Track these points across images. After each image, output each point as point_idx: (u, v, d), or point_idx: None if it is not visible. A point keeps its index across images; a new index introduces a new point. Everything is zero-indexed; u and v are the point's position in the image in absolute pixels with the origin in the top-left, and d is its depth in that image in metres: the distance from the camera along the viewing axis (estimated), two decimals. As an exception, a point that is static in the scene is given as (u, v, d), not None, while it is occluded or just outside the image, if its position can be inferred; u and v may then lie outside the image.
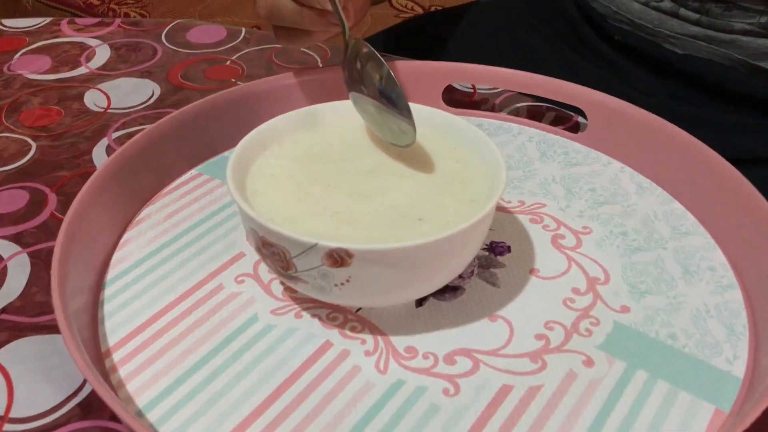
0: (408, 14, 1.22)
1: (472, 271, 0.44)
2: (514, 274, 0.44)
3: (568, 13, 0.78)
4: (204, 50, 0.71)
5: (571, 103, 0.56)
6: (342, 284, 0.37)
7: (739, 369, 0.38)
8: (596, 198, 0.50)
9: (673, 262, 0.45)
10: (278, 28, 0.52)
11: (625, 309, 0.42)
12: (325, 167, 0.42)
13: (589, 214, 0.49)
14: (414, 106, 0.46)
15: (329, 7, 0.47)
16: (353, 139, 0.44)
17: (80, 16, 1.39)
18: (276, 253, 0.37)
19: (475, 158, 0.43)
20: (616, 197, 0.50)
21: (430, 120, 0.45)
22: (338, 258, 0.35)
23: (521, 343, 0.40)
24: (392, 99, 0.43)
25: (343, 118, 0.46)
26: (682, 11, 0.69)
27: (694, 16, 0.69)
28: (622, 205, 0.50)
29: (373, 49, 0.45)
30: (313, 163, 0.42)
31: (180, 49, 0.71)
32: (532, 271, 0.44)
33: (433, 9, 1.22)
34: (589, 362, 0.39)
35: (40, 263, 0.46)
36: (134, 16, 1.30)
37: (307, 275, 0.37)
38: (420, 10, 1.23)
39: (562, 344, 0.40)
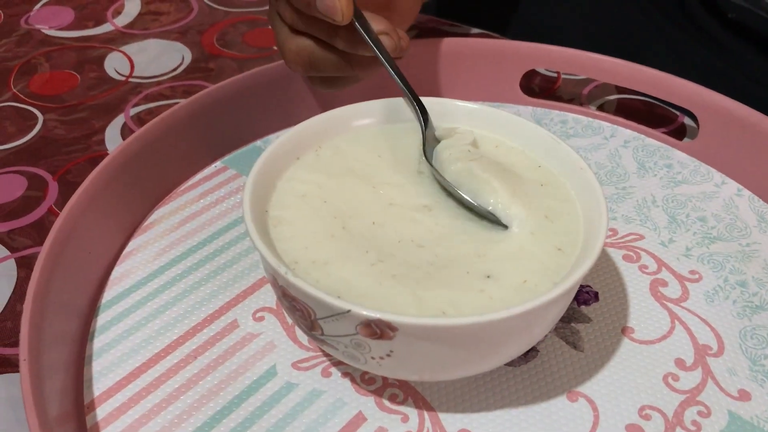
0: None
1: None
2: (602, 333, 0.35)
3: (673, -19, 0.67)
4: (246, 9, 0.61)
5: (681, 105, 0.45)
6: (381, 357, 0.28)
7: None
8: (707, 231, 0.40)
9: (808, 329, 0.35)
10: (315, 78, 0.41)
11: (744, 395, 0.32)
12: (368, 195, 0.33)
13: (698, 253, 0.39)
14: (484, 110, 0.36)
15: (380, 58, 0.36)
16: (408, 151, 0.35)
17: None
18: (299, 310, 0.29)
19: (564, 180, 0.34)
20: (732, 231, 0.40)
21: (506, 127, 0.36)
22: (378, 330, 0.26)
23: (608, 436, 0.31)
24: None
25: (397, 122, 0.37)
26: (817, -14, 0.57)
27: (832, -7, 0.57)
28: (740, 243, 0.40)
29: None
30: (354, 183, 0.33)
31: (219, 6, 0.62)
32: (624, 330, 0.35)
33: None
34: (697, 472, 0.30)
35: (29, 273, 0.39)
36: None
37: (337, 342, 0.28)
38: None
39: (661, 442, 0.31)
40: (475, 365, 0.29)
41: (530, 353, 0.34)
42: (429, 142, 0.35)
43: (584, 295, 0.37)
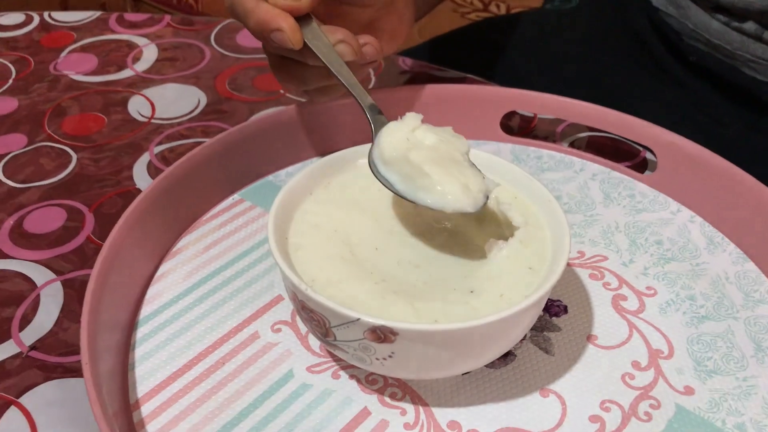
0: (467, 9, 1.17)
1: (525, 335, 0.41)
2: (570, 340, 0.41)
3: (639, 28, 0.73)
4: (253, 55, 0.68)
5: (641, 143, 0.52)
6: (384, 359, 0.34)
7: (816, 474, 0.35)
8: (663, 253, 0.46)
9: (745, 336, 0.41)
10: (310, 91, 0.48)
11: (689, 390, 0.38)
12: (372, 225, 0.39)
13: (654, 272, 0.45)
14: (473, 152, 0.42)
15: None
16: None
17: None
18: (315, 319, 0.34)
19: (536, 210, 0.40)
20: (685, 253, 0.46)
21: (488, 165, 0.42)
22: (381, 335, 0.32)
23: (574, 425, 0.37)
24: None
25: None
26: (767, 34, 0.64)
27: (780, 40, 0.64)
28: (691, 263, 0.46)
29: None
30: (359, 214, 0.39)
31: (229, 53, 0.68)
32: (589, 337, 0.41)
33: (492, 4, 1.18)
34: (647, 453, 0.36)
35: (74, 293, 0.45)
36: (187, -1, 1.28)
37: (347, 346, 0.34)
38: (480, 5, 1.18)
39: (618, 429, 0.36)
40: (462, 364, 0.35)
41: (509, 357, 0.40)
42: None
43: (555, 308, 0.43)
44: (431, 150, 0.38)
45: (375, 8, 0.47)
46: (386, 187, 0.38)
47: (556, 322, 0.42)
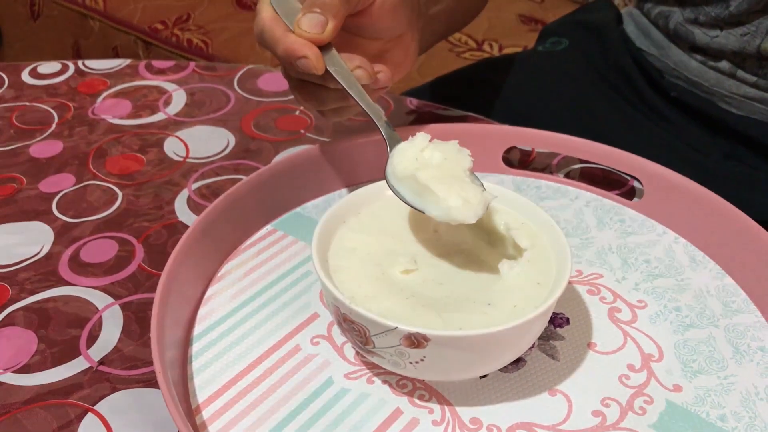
0: (462, 48, 1.25)
1: (534, 344, 0.47)
2: (572, 347, 0.47)
3: (625, 67, 0.80)
4: (273, 99, 0.74)
5: (629, 173, 0.58)
6: (416, 362, 0.40)
7: (787, 456, 0.41)
8: (651, 270, 0.52)
9: (724, 341, 0.47)
10: (325, 111, 0.53)
11: (677, 388, 0.44)
12: (399, 250, 0.45)
13: (644, 287, 0.51)
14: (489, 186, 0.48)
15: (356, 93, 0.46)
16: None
17: (146, 42, 1.45)
18: (356, 329, 0.40)
19: (541, 234, 0.46)
20: (671, 270, 0.53)
21: (500, 197, 0.48)
22: (415, 340, 0.38)
23: (579, 419, 0.42)
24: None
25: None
26: (740, 72, 0.71)
27: (752, 78, 0.70)
28: (676, 278, 0.52)
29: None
30: (390, 240, 0.45)
31: (251, 97, 0.75)
32: (589, 345, 0.47)
33: (485, 44, 1.25)
34: (643, 441, 0.41)
35: (131, 315, 0.50)
36: (196, 43, 1.35)
37: (384, 352, 0.40)
38: (473, 44, 1.25)
39: (617, 422, 0.42)
40: (483, 366, 0.41)
41: (520, 363, 0.46)
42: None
43: (559, 320, 0.49)
44: (437, 168, 0.44)
45: (384, 41, 0.53)
46: (400, 198, 0.44)
47: (560, 332, 0.48)
